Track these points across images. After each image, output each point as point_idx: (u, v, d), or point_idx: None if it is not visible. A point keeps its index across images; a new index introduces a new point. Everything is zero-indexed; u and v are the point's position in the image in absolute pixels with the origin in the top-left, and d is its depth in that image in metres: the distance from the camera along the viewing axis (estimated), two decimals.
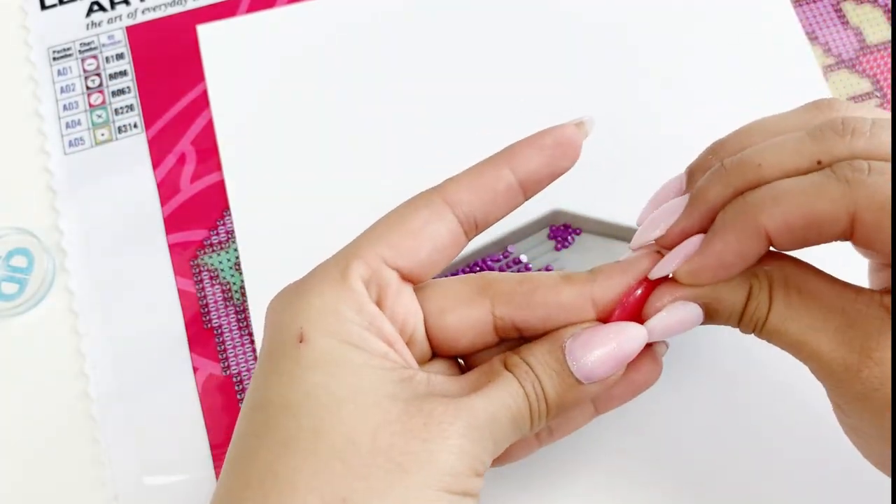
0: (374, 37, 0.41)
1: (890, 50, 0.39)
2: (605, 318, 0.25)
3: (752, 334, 0.25)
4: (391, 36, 0.41)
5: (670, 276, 0.25)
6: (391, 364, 0.23)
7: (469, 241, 0.26)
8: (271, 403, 0.22)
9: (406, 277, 0.25)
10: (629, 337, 0.24)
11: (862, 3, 0.40)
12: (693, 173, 0.26)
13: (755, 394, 0.33)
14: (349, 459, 0.21)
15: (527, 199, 0.26)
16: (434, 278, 0.26)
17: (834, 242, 0.23)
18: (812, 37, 0.40)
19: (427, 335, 0.26)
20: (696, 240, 0.24)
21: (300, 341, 0.22)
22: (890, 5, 0.40)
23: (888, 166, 0.21)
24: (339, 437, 0.21)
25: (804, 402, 0.33)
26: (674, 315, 0.24)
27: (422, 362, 0.25)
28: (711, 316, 0.24)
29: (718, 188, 0.23)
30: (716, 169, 0.24)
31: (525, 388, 0.23)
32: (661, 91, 0.39)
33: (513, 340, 0.26)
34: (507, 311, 0.25)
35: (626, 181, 0.37)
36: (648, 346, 0.25)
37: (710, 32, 0.40)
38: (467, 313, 0.25)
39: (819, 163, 0.22)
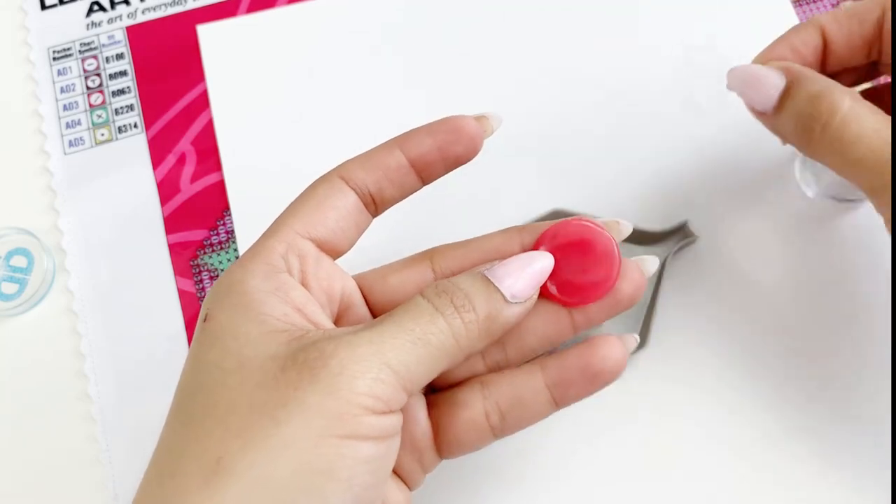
0: (374, 37, 0.41)
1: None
2: None
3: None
4: (391, 36, 0.41)
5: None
6: (285, 326, 0.23)
7: (374, 215, 0.27)
8: (180, 387, 0.24)
9: (323, 248, 0.26)
10: (539, 256, 0.25)
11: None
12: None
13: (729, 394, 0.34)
14: (229, 424, 0.22)
15: (425, 183, 0.27)
16: None
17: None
18: None
19: (371, 307, 0.27)
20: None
21: (204, 321, 0.24)
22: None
23: None
24: (224, 406, 0.22)
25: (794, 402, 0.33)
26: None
27: None
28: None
29: None
30: None
31: (434, 304, 0.24)
32: (661, 91, 0.39)
33: None
34: (447, 262, 0.27)
35: (626, 181, 0.37)
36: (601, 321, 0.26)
37: (711, 33, 0.40)
38: (408, 273, 0.27)
39: None
